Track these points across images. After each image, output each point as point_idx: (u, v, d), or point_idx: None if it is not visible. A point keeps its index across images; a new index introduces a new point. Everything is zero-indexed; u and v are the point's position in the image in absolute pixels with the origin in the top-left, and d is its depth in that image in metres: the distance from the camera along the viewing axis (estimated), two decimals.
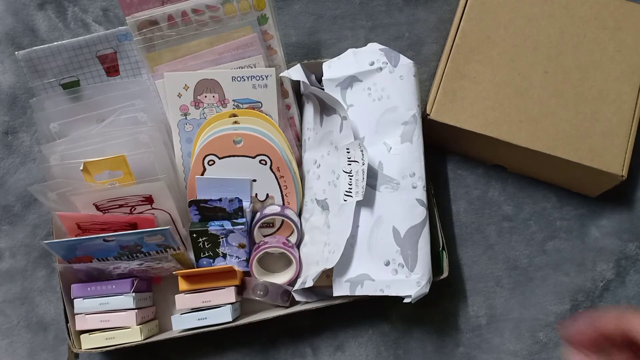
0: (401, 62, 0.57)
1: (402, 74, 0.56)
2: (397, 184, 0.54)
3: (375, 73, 0.57)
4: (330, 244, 0.55)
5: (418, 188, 0.53)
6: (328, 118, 0.59)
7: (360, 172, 0.54)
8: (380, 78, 0.57)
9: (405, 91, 0.56)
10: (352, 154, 0.55)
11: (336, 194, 0.56)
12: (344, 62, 0.59)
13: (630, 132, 0.58)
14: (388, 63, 0.57)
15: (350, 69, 0.58)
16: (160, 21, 0.57)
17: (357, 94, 0.58)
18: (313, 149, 0.61)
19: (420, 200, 0.53)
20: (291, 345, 0.60)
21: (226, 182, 0.57)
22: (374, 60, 0.57)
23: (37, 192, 0.54)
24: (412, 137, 0.55)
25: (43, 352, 0.61)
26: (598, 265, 0.63)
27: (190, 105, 0.59)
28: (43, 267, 0.63)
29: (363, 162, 0.54)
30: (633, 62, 0.60)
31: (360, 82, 0.58)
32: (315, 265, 0.56)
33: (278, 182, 0.58)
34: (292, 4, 0.72)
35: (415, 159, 0.54)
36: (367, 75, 0.57)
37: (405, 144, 0.55)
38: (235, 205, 0.56)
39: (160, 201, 0.56)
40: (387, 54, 0.57)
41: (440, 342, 0.60)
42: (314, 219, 0.59)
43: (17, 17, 0.72)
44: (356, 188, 0.54)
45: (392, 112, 0.56)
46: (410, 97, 0.56)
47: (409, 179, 0.54)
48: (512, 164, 0.64)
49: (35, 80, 0.58)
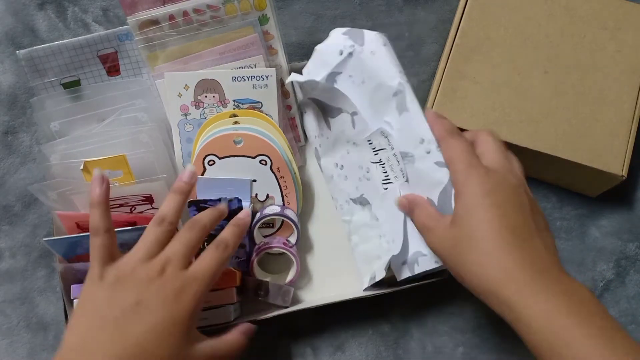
0: (367, 38, 0.54)
1: (372, 49, 0.54)
2: (412, 157, 0.52)
3: (349, 59, 0.55)
4: (385, 235, 0.55)
5: (432, 152, 0.51)
6: (334, 119, 0.58)
7: (392, 157, 0.53)
8: (355, 62, 0.55)
9: (382, 64, 0.54)
10: (375, 143, 0.54)
11: (372, 186, 0.56)
12: (316, 63, 0.57)
13: (630, 132, 0.58)
14: (355, 44, 0.55)
15: (326, 67, 0.57)
16: (162, 21, 0.57)
17: (344, 85, 0.56)
18: (329, 153, 0.61)
19: (438, 162, 0.51)
20: (291, 345, 0.60)
21: (226, 182, 0.57)
22: (341, 49, 0.55)
23: (38, 191, 0.54)
24: (407, 105, 0.52)
25: (43, 352, 0.61)
26: (598, 265, 0.63)
27: (191, 105, 0.59)
28: (43, 267, 0.63)
29: (392, 147, 0.53)
30: (633, 62, 0.60)
31: (340, 73, 0.56)
32: (378, 260, 0.56)
33: (278, 183, 0.58)
34: (292, 4, 0.73)
35: (418, 124, 0.52)
36: (342, 65, 0.55)
37: (403, 115, 0.52)
38: (234, 205, 0.56)
39: (160, 201, 0.56)
40: (350, 35, 0.55)
41: (440, 342, 0.60)
42: (357, 218, 0.59)
43: (17, 17, 0.72)
44: (393, 173, 0.53)
45: (378, 90, 0.54)
46: (388, 67, 0.53)
47: (420, 147, 0.51)
48: None
49: (35, 80, 0.58)
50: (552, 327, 0.37)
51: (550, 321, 0.37)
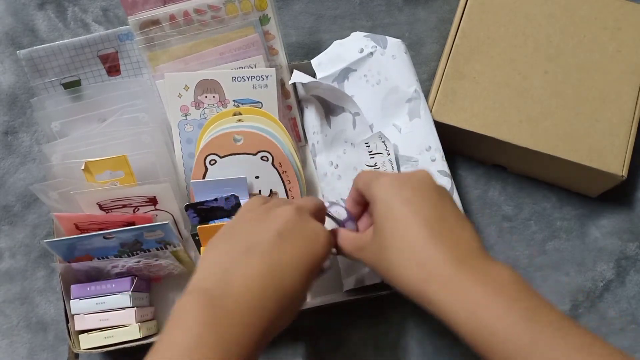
0: (389, 43, 0.56)
1: (393, 54, 0.56)
2: (415, 162, 0.53)
3: (368, 59, 0.56)
4: None
5: (437, 160, 0.52)
6: (336, 118, 0.59)
7: (387, 163, 0.54)
8: (374, 62, 0.56)
9: (402, 69, 0.56)
10: (372, 147, 0.54)
11: None
12: (332, 56, 0.58)
13: (630, 132, 0.58)
14: (377, 46, 0.56)
15: (341, 61, 0.57)
16: (162, 21, 0.57)
17: (355, 84, 0.57)
18: (325, 151, 0.61)
19: (442, 171, 0.52)
20: (291, 345, 0.60)
21: (222, 182, 0.57)
22: (362, 47, 0.56)
23: (39, 191, 0.54)
24: (420, 112, 0.54)
25: (43, 352, 0.61)
26: (598, 265, 0.63)
27: (191, 106, 0.59)
28: (43, 267, 0.63)
29: (388, 153, 0.53)
30: (633, 62, 0.60)
31: (354, 71, 0.57)
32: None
33: (281, 178, 0.58)
34: (292, 4, 0.73)
35: (427, 132, 0.53)
36: (360, 63, 0.57)
37: (414, 120, 0.54)
38: (232, 202, 0.55)
39: (164, 202, 0.56)
40: (373, 38, 0.57)
41: (441, 342, 0.60)
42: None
43: (16, 17, 0.72)
44: None
45: (394, 93, 0.55)
46: (407, 73, 0.55)
47: (426, 154, 0.52)
48: (512, 164, 0.64)
49: (36, 80, 0.58)
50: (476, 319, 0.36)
51: (474, 314, 0.36)
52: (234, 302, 0.37)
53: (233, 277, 0.38)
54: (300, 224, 0.42)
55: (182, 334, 0.35)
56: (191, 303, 0.37)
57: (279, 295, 0.39)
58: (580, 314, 0.61)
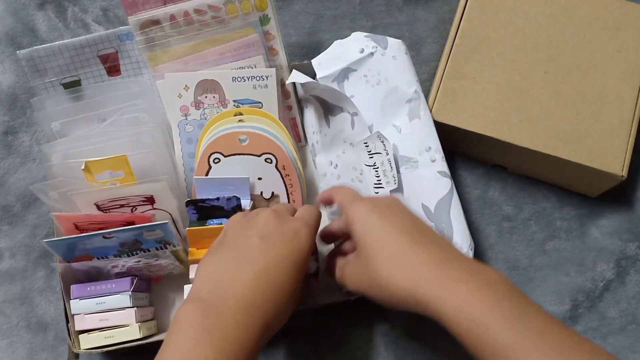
0: (390, 43, 0.57)
1: (394, 54, 0.56)
2: (415, 162, 0.53)
3: (368, 59, 0.57)
4: None
5: (437, 161, 0.52)
6: (335, 118, 0.59)
7: (386, 163, 0.54)
8: (374, 63, 0.57)
9: (402, 69, 0.56)
10: (371, 147, 0.54)
11: (364, 188, 0.56)
12: (333, 56, 0.59)
13: (630, 132, 0.58)
14: (378, 47, 0.56)
15: (341, 61, 0.58)
16: (163, 21, 0.57)
17: (355, 84, 0.58)
18: (324, 151, 0.61)
19: (442, 172, 0.52)
20: (291, 345, 0.60)
21: (225, 181, 0.57)
22: (363, 47, 0.57)
23: (39, 191, 0.53)
24: (419, 113, 0.54)
25: (43, 352, 0.61)
26: (598, 265, 0.63)
27: (191, 106, 0.59)
28: (43, 267, 0.63)
29: (387, 152, 0.54)
30: (633, 62, 0.60)
31: (355, 71, 0.57)
32: None
33: (283, 181, 0.58)
34: (292, 4, 0.73)
35: (427, 133, 0.54)
36: (360, 64, 0.57)
37: (414, 121, 0.54)
38: (233, 203, 0.55)
39: (161, 201, 0.56)
40: (373, 38, 0.57)
41: (441, 342, 0.60)
42: None
43: (16, 17, 0.72)
44: (386, 178, 0.54)
45: (394, 93, 0.55)
46: (407, 74, 0.56)
47: (425, 154, 0.53)
48: (512, 164, 0.64)
49: (36, 80, 0.58)
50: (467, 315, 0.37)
51: (464, 310, 0.37)
52: (225, 305, 0.41)
53: (224, 283, 0.42)
54: (279, 224, 0.46)
55: (181, 338, 0.39)
56: (187, 310, 0.41)
57: (269, 293, 0.42)
58: (580, 314, 0.61)
